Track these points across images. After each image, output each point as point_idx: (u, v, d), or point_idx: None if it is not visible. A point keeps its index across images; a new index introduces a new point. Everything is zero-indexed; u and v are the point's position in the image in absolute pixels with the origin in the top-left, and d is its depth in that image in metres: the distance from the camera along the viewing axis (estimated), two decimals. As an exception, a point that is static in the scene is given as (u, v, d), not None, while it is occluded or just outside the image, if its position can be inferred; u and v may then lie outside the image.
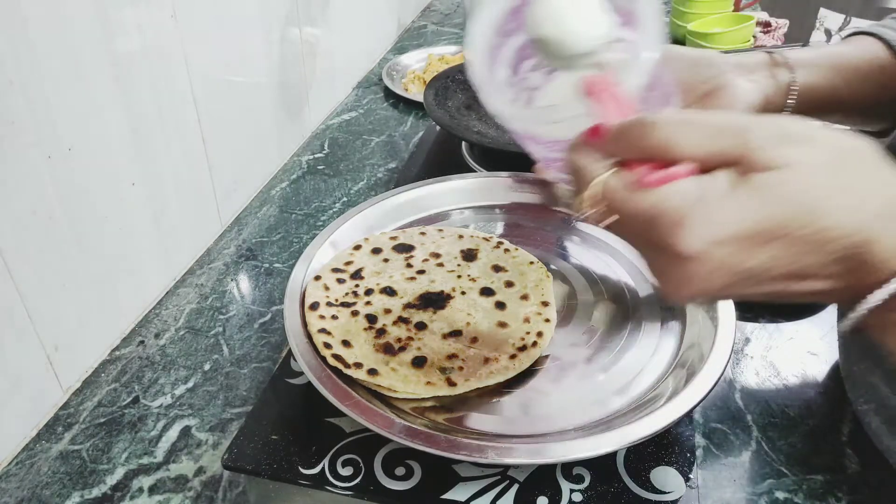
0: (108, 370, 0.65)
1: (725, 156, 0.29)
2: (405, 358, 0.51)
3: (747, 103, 0.54)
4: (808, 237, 0.28)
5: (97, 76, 0.61)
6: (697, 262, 0.28)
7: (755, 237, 0.28)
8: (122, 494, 0.54)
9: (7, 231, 0.54)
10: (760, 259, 0.28)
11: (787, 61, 0.56)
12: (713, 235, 0.28)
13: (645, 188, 0.29)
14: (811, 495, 0.51)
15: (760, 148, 0.28)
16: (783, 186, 0.28)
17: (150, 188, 0.70)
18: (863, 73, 0.56)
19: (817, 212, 0.28)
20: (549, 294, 0.58)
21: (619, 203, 0.30)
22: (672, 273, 0.30)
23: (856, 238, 0.28)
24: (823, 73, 0.56)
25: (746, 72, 0.55)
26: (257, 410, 0.51)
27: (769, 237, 0.28)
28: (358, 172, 0.96)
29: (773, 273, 0.29)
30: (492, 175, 0.73)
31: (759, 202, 0.28)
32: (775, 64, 0.56)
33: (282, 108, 0.96)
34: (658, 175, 0.29)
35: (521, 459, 0.44)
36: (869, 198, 0.29)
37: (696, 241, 0.28)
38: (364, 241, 0.64)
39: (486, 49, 0.48)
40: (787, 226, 0.28)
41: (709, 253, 0.28)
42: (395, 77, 1.22)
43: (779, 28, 1.20)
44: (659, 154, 0.30)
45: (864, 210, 0.29)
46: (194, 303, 0.73)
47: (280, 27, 0.93)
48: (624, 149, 0.31)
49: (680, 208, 0.28)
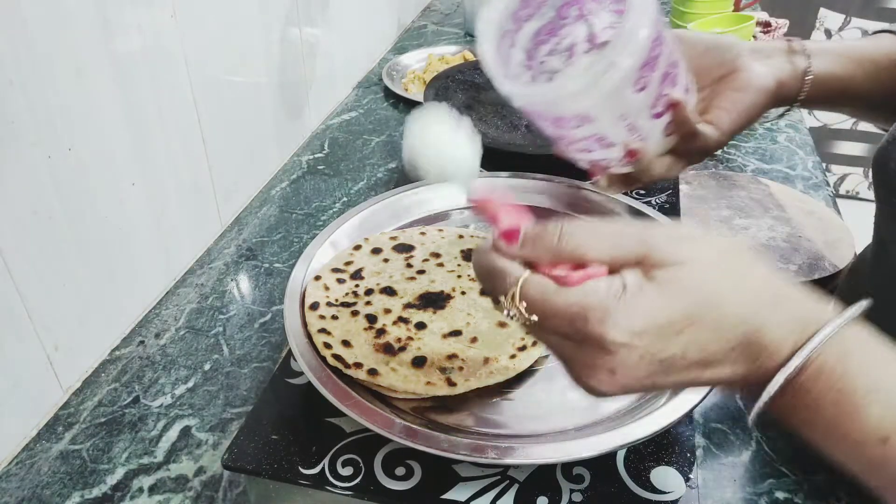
0: (108, 370, 0.65)
1: (629, 258, 0.32)
2: (405, 358, 0.51)
3: (761, 87, 0.54)
4: (710, 325, 0.31)
5: (97, 76, 0.61)
6: (625, 350, 0.31)
7: (668, 327, 0.31)
8: (122, 494, 0.54)
9: (7, 231, 0.54)
10: (675, 347, 0.31)
11: (804, 48, 0.56)
12: (634, 326, 0.30)
13: (567, 286, 0.32)
14: (811, 495, 0.51)
15: (657, 248, 0.32)
16: (682, 281, 0.31)
17: (150, 188, 0.70)
18: (881, 67, 0.56)
19: (714, 302, 0.31)
20: (549, 294, 0.58)
21: (543, 301, 0.32)
22: (600, 365, 0.31)
23: (749, 324, 0.31)
24: (841, 62, 0.56)
25: (763, 57, 0.55)
26: (257, 410, 0.51)
27: (679, 327, 0.31)
28: (358, 172, 0.96)
29: (687, 360, 0.31)
30: (492, 175, 0.73)
31: (666, 297, 0.31)
32: (792, 51, 0.56)
33: (282, 108, 0.96)
34: (579, 274, 0.32)
35: (521, 459, 0.44)
36: (754, 289, 0.32)
37: (621, 331, 0.30)
38: (364, 241, 0.64)
39: (498, 33, 0.50)
40: (692, 315, 0.31)
41: (632, 343, 0.30)
42: (395, 77, 1.22)
43: (779, 28, 1.20)
44: (571, 258, 0.32)
45: (752, 300, 0.32)
46: (194, 303, 0.73)
47: (280, 27, 0.93)
48: (538, 254, 0.33)
49: (603, 302, 0.31)
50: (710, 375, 0.32)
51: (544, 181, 0.72)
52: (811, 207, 0.79)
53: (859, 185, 2.50)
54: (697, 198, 0.80)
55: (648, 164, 0.52)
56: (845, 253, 0.71)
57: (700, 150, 0.54)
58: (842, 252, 0.72)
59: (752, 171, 0.94)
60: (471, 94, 0.93)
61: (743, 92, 0.53)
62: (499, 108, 0.89)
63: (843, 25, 2.30)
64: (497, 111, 0.89)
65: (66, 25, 0.57)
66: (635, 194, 0.77)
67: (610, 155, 0.53)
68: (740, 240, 0.31)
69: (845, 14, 2.28)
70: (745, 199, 0.81)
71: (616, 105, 0.48)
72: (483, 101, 0.91)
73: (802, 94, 0.56)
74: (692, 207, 0.78)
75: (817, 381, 0.30)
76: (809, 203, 0.80)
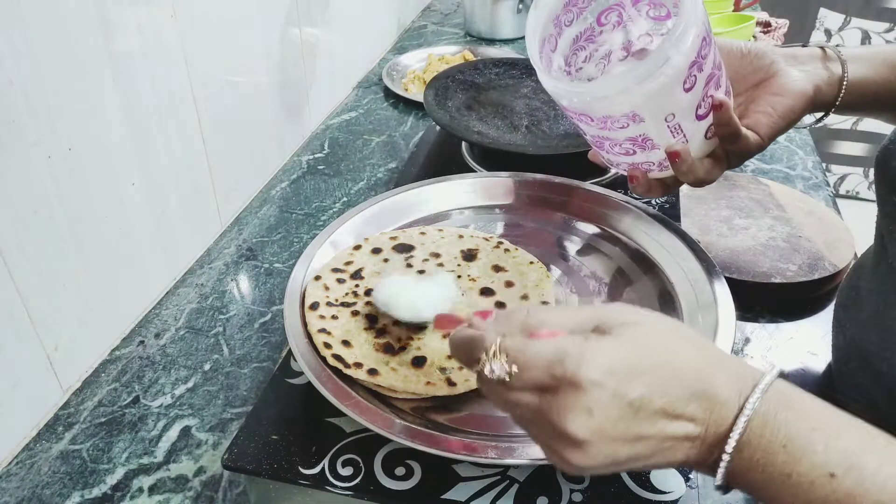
0: (108, 370, 0.66)
1: (585, 326, 0.36)
2: (405, 358, 0.51)
3: (799, 92, 0.54)
4: (668, 371, 0.34)
5: (97, 76, 0.61)
6: (597, 389, 0.33)
7: (631, 368, 0.33)
8: (122, 494, 0.54)
9: (7, 231, 0.54)
10: (640, 387, 0.33)
11: (839, 54, 0.56)
12: (602, 365, 0.33)
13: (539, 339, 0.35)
14: (811, 495, 0.51)
15: (610, 315, 0.36)
16: (636, 335, 0.35)
17: (150, 188, 0.70)
18: None
19: (668, 352, 0.34)
20: (549, 294, 0.58)
21: (522, 351, 0.35)
22: (578, 406, 0.33)
23: (702, 377, 0.34)
24: (876, 68, 0.56)
25: (798, 63, 0.56)
26: (257, 410, 0.51)
27: (641, 369, 0.33)
28: (358, 172, 0.96)
29: (653, 405, 0.33)
30: (492, 175, 0.73)
31: (625, 345, 0.34)
32: (827, 57, 0.56)
33: (282, 108, 0.96)
34: (547, 332, 0.36)
35: (521, 459, 0.44)
36: (697, 349, 0.35)
37: (595, 369, 0.33)
38: (364, 241, 0.64)
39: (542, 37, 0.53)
40: (651, 359, 0.34)
41: (604, 381, 0.33)
42: (395, 77, 1.22)
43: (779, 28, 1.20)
44: (537, 329, 0.36)
45: (701, 356, 0.35)
46: (194, 303, 0.73)
47: (280, 27, 0.93)
48: (509, 326, 0.37)
49: (576, 346, 0.34)
50: (675, 429, 0.34)
51: (544, 181, 0.72)
52: (811, 207, 0.79)
53: (859, 185, 2.50)
54: (697, 198, 0.80)
55: (689, 167, 0.52)
56: (845, 253, 0.71)
57: (739, 154, 0.54)
58: (842, 252, 0.72)
59: (752, 171, 0.94)
60: (471, 94, 0.93)
61: (782, 96, 0.53)
62: (499, 108, 0.89)
63: (842, 25, 2.30)
64: (497, 111, 0.89)
65: (66, 25, 0.57)
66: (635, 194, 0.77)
67: (651, 158, 0.53)
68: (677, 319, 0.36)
69: (845, 14, 2.28)
70: (745, 199, 0.81)
71: (664, 104, 0.48)
72: (483, 101, 0.91)
73: (838, 100, 0.56)
74: (692, 207, 0.78)
75: (766, 428, 0.33)
76: (809, 203, 0.80)
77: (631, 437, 0.33)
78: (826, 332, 0.66)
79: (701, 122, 0.51)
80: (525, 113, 0.89)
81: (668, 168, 0.53)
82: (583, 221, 0.69)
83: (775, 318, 0.68)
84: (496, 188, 0.72)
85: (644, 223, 0.66)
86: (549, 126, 0.86)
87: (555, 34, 0.54)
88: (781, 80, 0.54)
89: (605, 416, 0.33)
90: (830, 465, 0.32)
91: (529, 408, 0.35)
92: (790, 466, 0.32)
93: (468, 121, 0.86)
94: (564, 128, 0.85)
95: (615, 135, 0.51)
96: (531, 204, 0.72)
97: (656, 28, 0.56)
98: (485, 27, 1.41)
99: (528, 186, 0.72)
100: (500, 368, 0.35)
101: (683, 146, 0.51)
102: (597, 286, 0.62)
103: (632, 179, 0.56)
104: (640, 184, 0.56)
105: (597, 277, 0.62)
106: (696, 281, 0.58)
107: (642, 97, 0.47)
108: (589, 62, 0.57)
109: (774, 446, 0.33)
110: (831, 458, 0.32)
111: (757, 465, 0.33)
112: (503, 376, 0.35)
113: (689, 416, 0.34)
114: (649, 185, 0.56)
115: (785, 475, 0.32)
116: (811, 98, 0.54)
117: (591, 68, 0.57)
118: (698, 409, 0.34)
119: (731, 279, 0.65)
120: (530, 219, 0.70)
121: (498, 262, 0.61)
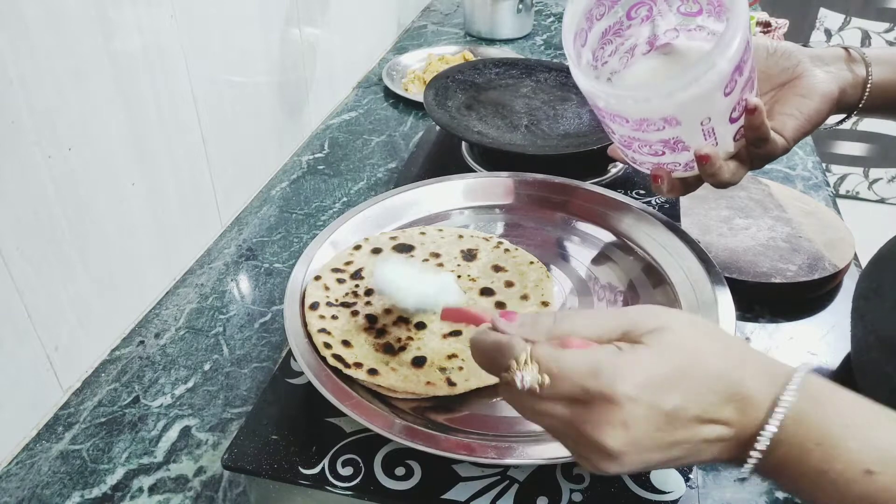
0: (108, 370, 0.65)
1: (613, 333, 0.36)
2: (405, 358, 0.51)
3: (825, 93, 0.54)
4: (700, 378, 0.33)
5: (97, 76, 0.61)
6: (632, 404, 0.32)
7: (665, 381, 0.33)
8: (122, 494, 0.54)
9: (7, 231, 0.54)
10: (675, 399, 0.33)
11: (863, 56, 0.56)
12: (637, 379, 0.33)
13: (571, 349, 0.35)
14: (811, 495, 0.51)
15: (638, 321, 0.36)
16: (667, 342, 0.34)
17: (150, 188, 0.70)
18: None
19: (698, 358, 0.34)
20: (549, 294, 0.58)
21: (555, 360, 0.34)
22: (613, 421, 0.33)
23: (731, 378, 0.34)
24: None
25: (823, 64, 0.56)
26: (257, 410, 0.51)
27: (674, 380, 0.33)
28: (358, 172, 0.96)
29: (688, 413, 0.33)
30: (492, 175, 0.73)
31: (657, 355, 0.34)
32: (852, 59, 0.56)
33: (282, 108, 0.96)
34: (579, 342, 0.35)
35: (521, 459, 0.44)
36: (725, 348, 0.35)
37: (630, 385, 0.33)
38: (364, 241, 0.64)
39: (575, 32, 0.52)
40: (682, 369, 0.33)
41: (639, 396, 0.33)
42: (395, 77, 1.22)
43: (779, 28, 1.20)
44: (565, 336, 0.36)
45: (726, 357, 0.35)
46: (194, 303, 0.73)
47: (280, 27, 0.93)
48: (536, 333, 0.36)
49: (611, 359, 0.33)
50: (708, 433, 0.34)
51: (544, 181, 0.72)
52: (811, 207, 0.79)
53: (859, 185, 2.50)
54: (697, 198, 0.80)
55: (717, 169, 0.52)
56: (845, 253, 0.71)
57: (765, 156, 0.54)
58: (842, 252, 0.72)
59: (752, 171, 0.94)
60: (471, 93, 0.93)
61: (808, 98, 0.53)
62: (499, 108, 0.89)
63: (842, 25, 2.30)
64: (497, 111, 0.89)
65: (65, 25, 0.57)
66: (635, 194, 0.77)
67: (679, 159, 0.53)
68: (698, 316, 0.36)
69: (845, 14, 2.27)
70: (745, 199, 0.81)
71: (704, 108, 0.48)
72: (483, 101, 0.91)
73: (862, 103, 0.56)
74: (692, 207, 0.78)
75: (800, 427, 0.33)
76: (809, 203, 0.80)
77: (665, 445, 0.34)
78: (826, 333, 0.66)
79: (733, 124, 0.51)
80: (525, 113, 0.89)
81: (693, 168, 0.53)
82: (583, 221, 0.69)
83: (775, 318, 0.68)
84: (496, 188, 0.72)
85: (644, 223, 0.66)
86: (549, 126, 0.86)
87: (586, 28, 0.53)
88: (807, 81, 0.54)
89: (640, 429, 0.33)
90: (866, 461, 0.31)
91: (561, 419, 0.35)
92: (825, 464, 0.32)
93: (468, 121, 0.86)
94: (564, 128, 0.85)
95: (648, 136, 0.51)
96: (531, 204, 0.72)
97: (684, 24, 0.56)
98: (485, 27, 1.41)
99: (528, 186, 0.72)
100: (531, 378, 0.34)
101: (713, 149, 0.51)
102: (596, 286, 0.62)
103: (655, 179, 0.56)
104: (664, 183, 0.56)
105: (597, 277, 0.62)
106: (696, 281, 0.58)
107: (684, 102, 0.47)
108: (614, 56, 0.57)
109: (808, 444, 0.32)
110: (867, 454, 0.32)
111: (790, 463, 0.33)
112: (535, 387, 0.34)
113: (723, 419, 0.34)
114: (672, 184, 0.56)
115: (820, 472, 0.32)
116: (836, 100, 0.54)
117: (615, 62, 0.57)
118: (732, 412, 0.34)
119: (731, 279, 0.65)
120: (530, 219, 0.70)
121: (498, 262, 0.61)
